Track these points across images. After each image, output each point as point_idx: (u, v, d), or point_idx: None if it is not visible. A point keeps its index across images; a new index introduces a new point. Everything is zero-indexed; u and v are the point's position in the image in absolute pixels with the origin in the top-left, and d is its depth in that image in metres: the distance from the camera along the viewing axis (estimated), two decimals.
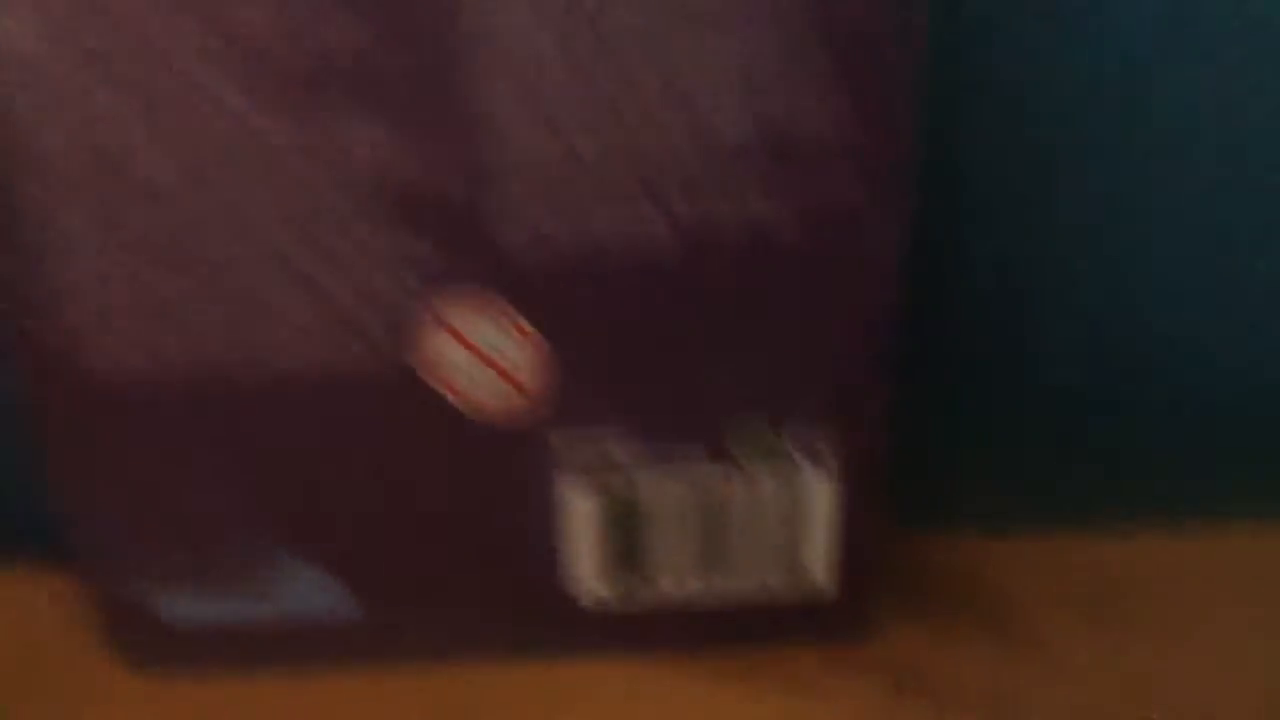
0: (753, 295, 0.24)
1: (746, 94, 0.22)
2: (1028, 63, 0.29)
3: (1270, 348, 0.33)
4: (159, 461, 0.25)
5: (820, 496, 0.26)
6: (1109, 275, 0.32)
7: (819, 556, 0.27)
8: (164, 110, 0.21)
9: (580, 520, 0.26)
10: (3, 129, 0.21)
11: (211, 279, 0.23)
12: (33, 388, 0.24)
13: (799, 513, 0.26)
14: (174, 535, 0.26)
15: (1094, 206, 0.31)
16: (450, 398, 0.25)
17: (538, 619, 0.28)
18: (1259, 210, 0.31)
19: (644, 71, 0.22)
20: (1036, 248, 0.32)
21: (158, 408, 0.24)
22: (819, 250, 0.23)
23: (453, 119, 0.22)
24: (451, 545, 0.27)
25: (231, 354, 0.24)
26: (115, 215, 0.22)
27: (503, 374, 0.24)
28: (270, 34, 0.21)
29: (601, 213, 0.23)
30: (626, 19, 0.21)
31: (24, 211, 0.22)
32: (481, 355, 0.24)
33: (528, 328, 0.24)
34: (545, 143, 0.22)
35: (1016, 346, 0.33)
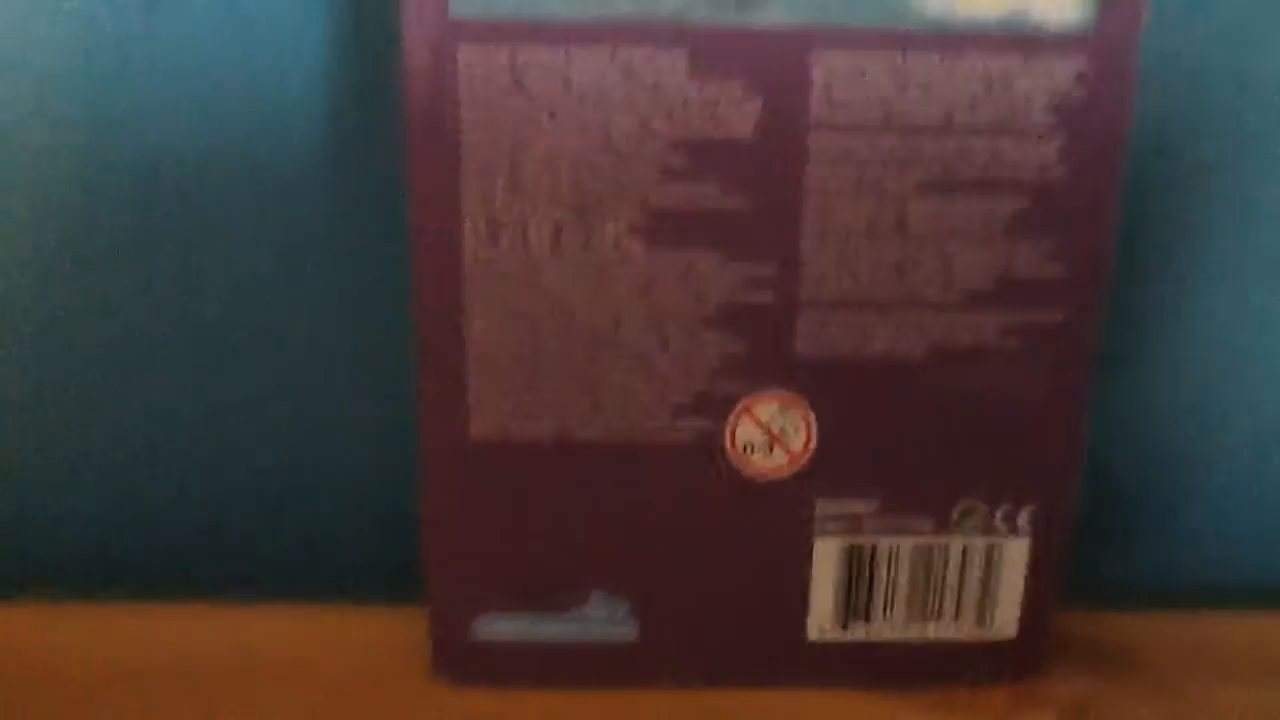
0: (979, 397, 0.31)
1: (986, 251, 0.30)
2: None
3: None
4: (512, 509, 0.32)
5: (1015, 560, 0.33)
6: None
7: (1010, 609, 0.34)
8: (579, 251, 0.30)
9: (825, 570, 0.33)
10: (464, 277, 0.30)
11: (583, 369, 0.31)
12: (427, 452, 0.32)
13: (998, 572, 0.33)
14: (510, 568, 0.33)
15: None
16: (741, 466, 0.32)
17: (776, 651, 0.35)
18: None
19: (921, 238, 0.30)
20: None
21: (520, 466, 0.32)
22: (1030, 362, 0.31)
23: (778, 259, 0.30)
24: (718, 584, 0.34)
25: (584, 426, 0.32)
26: (520, 320, 0.30)
27: (783, 449, 0.32)
28: (665, 199, 0.29)
29: (877, 336, 0.31)
30: (914, 205, 0.30)
31: (455, 323, 0.30)
32: (769, 434, 0.32)
33: (807, 414, 0.31)
34: (845, 284, 0.30)
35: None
